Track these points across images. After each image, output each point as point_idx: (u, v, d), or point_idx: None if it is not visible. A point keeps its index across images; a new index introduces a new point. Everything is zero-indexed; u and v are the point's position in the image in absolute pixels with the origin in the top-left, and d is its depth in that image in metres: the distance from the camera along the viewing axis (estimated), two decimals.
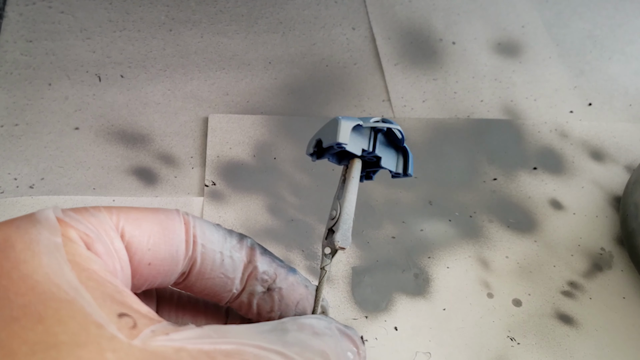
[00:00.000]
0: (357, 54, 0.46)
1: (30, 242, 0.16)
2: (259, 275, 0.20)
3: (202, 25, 0.47)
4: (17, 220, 0.17)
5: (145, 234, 0.18)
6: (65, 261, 0.16)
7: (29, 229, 0.17)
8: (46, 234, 0.17)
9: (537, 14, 0.51)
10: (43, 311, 0.15)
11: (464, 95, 0.45)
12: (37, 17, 0.45)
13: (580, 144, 0.43)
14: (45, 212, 0.17)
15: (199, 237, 0.19)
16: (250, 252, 0.20)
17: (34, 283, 0.15)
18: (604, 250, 0.37)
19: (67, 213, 0.17)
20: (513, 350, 0.33)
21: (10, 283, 0.15)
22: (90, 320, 0.15)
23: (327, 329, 0.18)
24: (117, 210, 0.18)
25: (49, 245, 0.16)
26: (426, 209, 0.38)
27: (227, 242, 0.20)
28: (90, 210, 0.18)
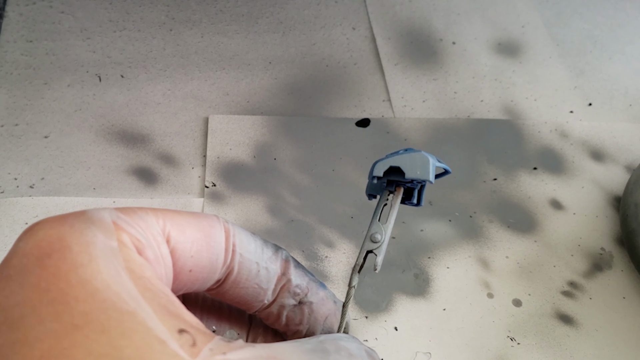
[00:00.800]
0: (357, 54, 0.46)
1: (87, 244, 0.16)
2: (292, 288, 0.20)
3: (203, 25, 0.47)
4: (69, 218, 0.16)
5: (189, 240, 0.18)
6: (122, 268, 0.16)
7: (84, 230, 0.16)
8: (102, 237, 0.16)
9: (537, 14, 0.51)
10: (105, 321, 0.14)
11: (464, 95, 0.45)
12: (38, 17, 0.45)
13: (580, 144, 0.43)
14: (99, 213, 0.17)
15: (238, 246, 0.19)
16: (284, 264, 0.20)
17: (93, 290, 0.15)
18: (604, 250, 0.37)
19: (119, 215, 0.17)
20: (513, 350, 0.33)
21: (68, 287, 0.15)
22: (152, 335, 0.15)
23: (358, 350, 0.19)
24: (162, 213, 0.18)
25: (106, 249, 0.16)
26: (426, 209, 0.38)
27: (263, 253, 0.20)
28: (138, 213, 0.17)
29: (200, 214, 0.19)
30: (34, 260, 0.15)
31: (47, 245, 0.15)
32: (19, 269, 0.15)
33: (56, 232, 0.16)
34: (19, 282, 0.15)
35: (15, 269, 0.15)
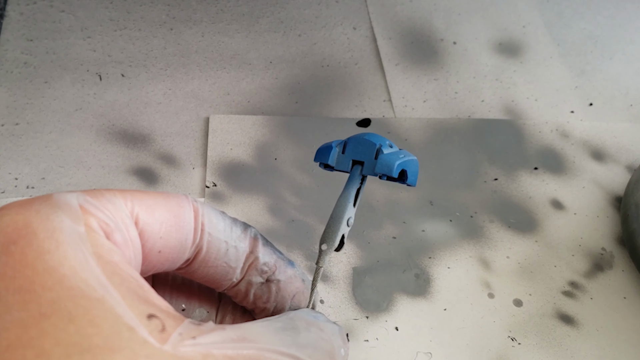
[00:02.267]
0: (358, 53, 0.46)
1: (54, 230, 0.15)
2: (260, 266, 0.20)
3: (203, 24, 0.47)
4: (35, 203, 0.16)
5: (157, 221, 0.18)
6: (90, 254, 0.15)
7: (50, 215, 0.15)
8: (69, 222, 0.16)
9: (538, 14, 0.50)
10: (73, 309, 0.14)
11: (465, 95, 0.45)
12: (38, 16, 0.45)
13: (581, 144, 0.43)
14: (66, 197, 0.16)
15: (207, 225, 0.19)
16: (253, 242, 0.20)
17: (60, 277, 0.14)
18: (604, 251, 0.37)
19: (86, 199, 0.17)
20: (514, 350, 0.33)
21: (35, 275, 0.14)
22: (121, 322, 0.14)
23: (328, 326, 0.19)
24: (130, 195, 0.18)
25: (73, 234, 0.15)
26: (427, 209, 0.38)
27: (232, 231, 0.20)
28: (106, 196, 0.17)
29: (170, 194, 0.19)
30: (0, 248, 0.15)
31: (13, 232, 0.15)
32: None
33: (22, 218, 0.15)
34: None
35: None
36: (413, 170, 0.22)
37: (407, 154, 0.22)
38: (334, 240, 0.21)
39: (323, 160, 0.23)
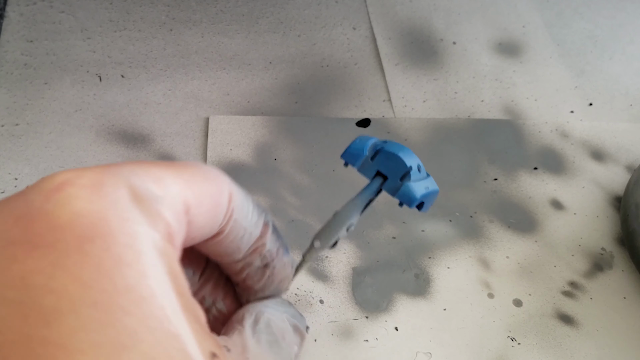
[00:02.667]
0: (357, 54, 0.46)
1: (133, 235, 0.13)
2: (264, 252, 0.20)
3: (203, 25, 0.47)
4: (108, 190, 0.13)
5: (202, 214, 0.16)
6: (165, 273, 0.13)
7: (127, 213, 0.13)
8: (146, 227, 0.13)
9: (537, 14, 0.50)
10: (153, 346, 0.12)
11: (465, 95, 0.45)
12: (38, 17, 0.45)
13: (580, 144, 0.43)
14: (140, 189, 0.14)
15: (235, 212, 0.18)
16: (264, 229, 0.20)
17: (139, 299, 0.12)
18: (604, 251, 0.37)
19: (153, 192, 0.14)
20: (513, 350, 0.33)
21: (115, 292, 0.12)
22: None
23: (289, 330, 0.20)
24: (185, 184, 0.15)
25: (150, 244, 0.13)
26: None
27: (252, 218, 0.19)
28: (169, 187, 0.15)
29: (212, 178, 0.17)
30: (73, 240, 0.13)
31: (88, 226, 0.13)
32: (51, 243, 0.13)
33: (97, 209, 0.13)
34: (51, 261, 0.12)
35: (44, 241, 0.13)
36: (430, 200, 0.22)
37: (431, 183, 0.22)
38: (328, 242, 0.21)
39: (351, 162, 0.23)
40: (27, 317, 0.12)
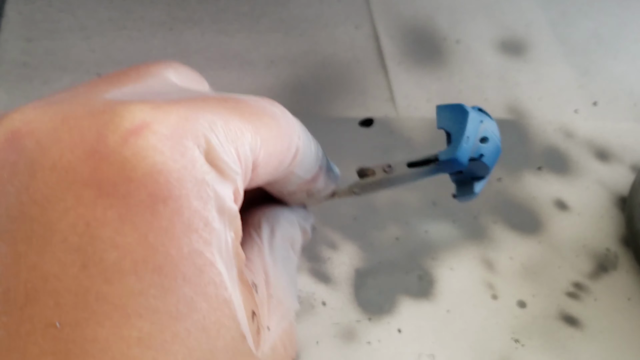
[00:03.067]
0: (360, 52, 0.46)
1: (206, 200, 0.12)
2: (311, 190, 0.19)
3: (204, 24, 0.46)
4: (185, 140, 0.12)
5: (266, 172, 0.16)
6: (229, 241, 0.13)
7: (203, 175, 0.13)
8: (217, 193, 0.13)
9: (541, 13, 0.50)
10: (207, 314, 0.12)
11: (469, 94, 0.44)
12: (37, 16, 0.45)
13: (585, 144, 0.42)
14: (217, 150, 0.13)
15: (297, 164, 0.17)
16: (318, 172, 0.19)
17: (201, 267, 0.12)
18: (609, 251, 0.37)
19: (224, 146, 0.13)
20: (517, 352, 0.32)
21: (180, 259, 0.12)
22: (239, 331, 0.13)
23: (297, 232, 0.20)
24: (261, 142, 0.15)
25: (218, 211, 0.13)
26: (430, 210, 0.38)
27: (309, 168, 0.18)
28: (243, 145, 0.14)
29: (285, 134, 0.16)
30: (146, 197, 0.12)
31: (164, 185, 0.12)
32: (123, 196, 0.12)
33: (175, 168, 0.12)
34: (120, 215, 0.12)
35: (116, 191, 0.12)
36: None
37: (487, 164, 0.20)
38: (365, 193, 0.21)
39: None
40: (87, 267, 0.11)
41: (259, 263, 0.17)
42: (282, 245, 0.19)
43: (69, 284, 0.11)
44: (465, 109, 0.19)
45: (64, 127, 0.12)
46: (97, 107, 0.13)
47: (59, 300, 0.11)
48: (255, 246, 0.18)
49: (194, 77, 0.18)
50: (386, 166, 0.20)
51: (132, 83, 0.15)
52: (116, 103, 0.13)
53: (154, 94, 0.15)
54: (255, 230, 0.19)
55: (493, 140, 0.20)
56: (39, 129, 0.13)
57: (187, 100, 0.14)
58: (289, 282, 0.18)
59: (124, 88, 0.15)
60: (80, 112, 0.13)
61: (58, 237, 0.11)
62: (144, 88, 0.15)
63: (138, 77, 0.16)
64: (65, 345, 0.11)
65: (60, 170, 0.12)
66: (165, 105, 0.13)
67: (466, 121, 0.19)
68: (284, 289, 0.17)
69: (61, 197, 0.12)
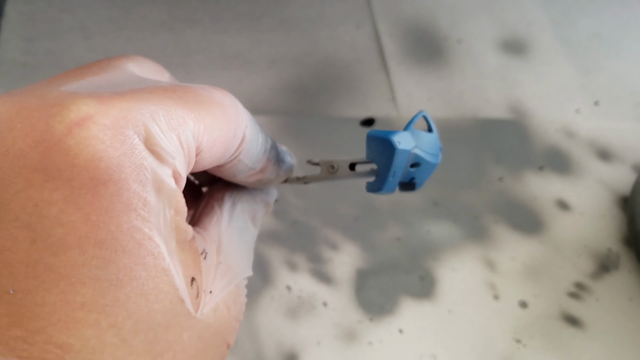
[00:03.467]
0: (361, 52, 0.46)
1: (145, 183, 0.14)
2: (262, 179, 0.21)
3: (204, 24, 0.46)
4: (127, 134, 0.14)
5: (211, 156, 0.17)
6: (167, 216, 0.14)
7: (142, 160, 0.14)
8: (156, 175, 0.14)
9: (543, 12, 0.50)
10: (146, 281, 0.14)
11: (470, 94, 0.44)
12: (37, 16, 0.45)
13: (586, 144, 0.42)
14: (150, 125, 0.14)
15: (243, 153, 0.18)
16: (266, 163, 0.20)
17: (140, 240, 0.14)
18: (610, 251, 0.37)
19: (165, 132, 0.15)
20: (519, 352, 0.32)
21: (119, 233, 0.13)
22: (177, 296, 0.14)
23: (260, 207, 0.22)
24: (205, 129, 0.16)
25: (156, 191, 0.14)
26: (431, 210, 0.38)
27: (257, 157, 0.19)
28: (185, 131, 0.15)
29: (231, 121, 0.17)
30: (88, 180, 0.13)
31: (105, 170, 0.13)
32: (67, 179, 0.13)
33: (114, 154, 0.14)
34: (65, 196, 0.13)
35: (61, 175, 0.13)
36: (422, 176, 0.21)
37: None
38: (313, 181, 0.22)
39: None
40: (36, 242, 0.13)
41: (215, 232, 0.19)
42: (241, 217, 0.21)
43: (20, 256, 0.13)
44: (393, 145, 0.19)
45: (18, 118, 0.14)
46: (50, 100, 0.14)
47: (12, 270, 0.13)
48: (215, 216, 0.20)
49: (155, 68, 0.20)
50: (330, 166, 0.21)
51: (91, 76, 0.17)
52: (66, 96, 0.14)
53: (108, 86, 0.16)
54: (218, 202, 0.21)
55: (425, 162, 0.20)
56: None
57: (134, 92, 0.15)
58: (243, 250, 0.20)
59: (82, 81, 0.16)
60: (34, 103, 0.14)
61: (11, 216, 0.13)
62: (101, 81, 0.17)
63: (99, 70, 0.17)
64: (19, 309, 0.13)
65: (12, 156, 0.13)
66: (110, 98, 0.14)
67: (393, 157, 0.19)
68: (235, 256, 0.19)
69: (13, 180, 0.13)
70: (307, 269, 0.34)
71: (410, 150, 0.20)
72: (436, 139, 0.21)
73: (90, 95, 0.14)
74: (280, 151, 0.22)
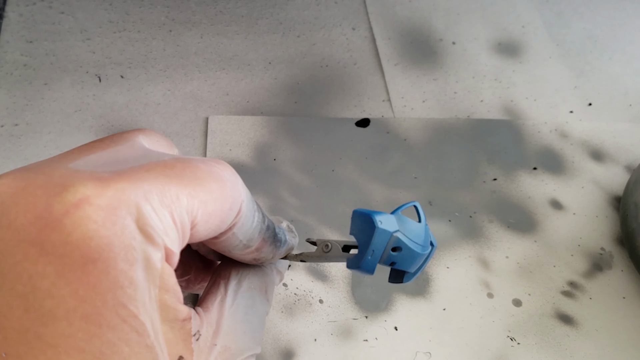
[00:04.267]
0: (357, 54, 0.46)
1: (132, 262, 0.15)
2: (258, 258, 0.21)
3: (202, 25, 0.47)
4: (118, 211, 0.15)
5: (206, 230, 0.18)
6: (155, 296, 0.15)
7: (132, 241, 0.15)
8: (146, 255, 0.15)
9: (537, 14, 0.50)
10: (128, 356, 0.14)
11: (464, 95, 0.45)
12: (37, 17, 0.45)
13: (580, 144, 0.43)
14: (144, 208, 0.15)
15: (237, 227, 0.19)
16: (262, 243, 0.21)
17: (125, 316, 0.15)
18: (604, 250, 0.37)
19: (159, 211, 0.15)
20: (513, 350, 0.33)
21: (104, 309, 0.14)
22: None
23: (272, 278, 0.23)
24: (199, 204, 0.17)
25: (147, 272, 0.15)
26: (426, 209, 0.38)
27: (252, 233, 0.20)
28: (179, 208, 0.16)
29: (228, 195, 0.18)
30: (79, 258, 0.14)
31: (95, 249, 0.14)
32: (60, 255, 0.14)
33: (105, 234, 0.15)
34: (57, 271, 0.14)
35: (55, 250, 0.14)
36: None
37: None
38: (306, 260, 0.23)
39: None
40: (28, 311, 0.14)
41: (215, 313, 0.20)
42: (247, 295, 0.21)
43: (14, 323, 0.14)
44: (375, 224, 0.19)
45: (23, 193, 0.15)
46: (55, 178, 0.15)
47: (6, 335, 0.14)
48: (219, 297, 0.21)
49: (165, 142, 0.21)
50: (324, 245, 0.23)
51: (100, 150, 0.18)
52: (69, 176, 0.15)
53: (114, 161, 0.17)
54: (224, 281, 0.21)
55: (407, 248, 0.20)
56: (5, 192, 0.15)
57: (132, 171, 0.16)
58: (247, 329, 0.20)
59: (91, 156, 0.18)
60: (40, 181, 0.15)
61: (8, 285, 0.14)
62: (109, 155, 0.18)
63: (110, 144, 0.19)
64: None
65: (13, 230, 0.15)
66: (107, 179, 0.15)
67: (372, 236, 0.19)
68: (237, 336, 0.20)
69: (12, 252, 0.14)
70: (304, 267, 0.35)
71: (392, 233, 0.20)
72: (424, 230, 0.21)
73: (90, 177, 0.15)
74: (279, 232, 0.22)
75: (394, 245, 0.20)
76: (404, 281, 0.22)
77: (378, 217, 0.20)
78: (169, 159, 0.17)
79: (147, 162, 0.17)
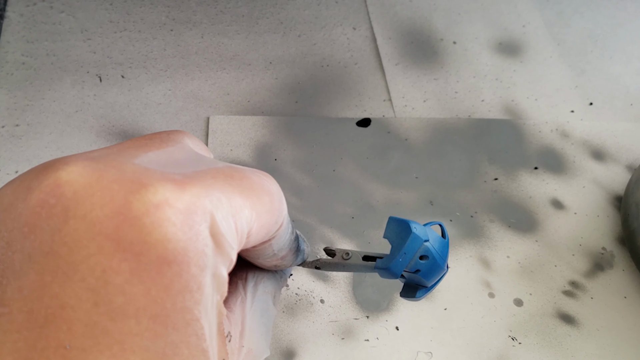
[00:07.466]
0: (357, 53, 0.46)
1: (203, 268, 0.15)
2: (278, 265, 0.22)
3: (203, 25, 0.47)
4: (195, 216, 0.15)
5: (255, 240, 0.18)
6: (215, 303, 0.15)
7: (205, 248, 0.15)
8: (214, 262, 0.15)
9: (538, 14, 0.50)
10: (186, 357, 0.15)
11: (465, 95, 0.45)
12: (38, 17, 0.45)
13: (581, 144, 0.43)
14: (221, 226, 0.15)
15: (275, 239, 0.19)
16: (287, 253, 0.21)
17: (188, 320, 0.15)
18: (605, 250, 0.37)
19: (229, 223, 0.16)
20: (514, 350, 0.33)
21: (173, 311, 0.14)
22: None
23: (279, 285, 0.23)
24: (256, 216, 0.17)
25: (212, 278, 0.15)
26: (427, 209, 0.38)
27: (283, 246, 0.20)
28: (241, 219, 0.16)
29: (276, 209, 0.18)
30: (155, 258, 0.14)
31: (171, 251, 0.14)
32: (136, 253, 0.14)
33: (182, 239, 0.15)
34: (131, 268, 0.14)
35: (132, 248, 0.14)
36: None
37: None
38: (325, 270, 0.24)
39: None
40: (98, 305, 0.14)
41: (239, 314, 0.21)
42: (262, 298, 0.22)
43: (81, 316, 0.14)
44: (411, 229, 0.21)
45: (98, 185, 0.15)
46: (127, 173, 0.15)
47: (72, 327, 0.14)
48: (240, 297, 0.21)
49: (204, 147, 0.21)
50: (344, 254, 0.23)
51: (155, 149, 0.18)
52: (143, 173, 0.16)
53: (173, 162, 0.17)
54: (242, 282, 0.22)
55: (433, 259, 0.22)
56: (78, 181, 0.15)
57: (200, 176, 0.16)
58: (262, 332, 0.21)
59: (150, 154, 0.17)
60: (112, 175, 0.15)
61: (78, 276, 0.14)
62: (165, 155, 0.18)
63: (162, 144, 0.19)
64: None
65: (88, 222, 0.14)
66: (182, 182, 0.16)
67: (407, 239, 0.21)
68: (256, 338, 0.20)
69: (86, 244, 0.14)
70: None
71: (423, 240, 0.21)
72: (447, 246, 0.23)
73: (165, 178, 0.15)
74: (300, 241, 0.23)
75: (422, 253, 0.22)
76: (417, 296, 0.23)
77: (413, 224, 0.21)
78: (225, 166, 0.17)
79: (204, 167, 0.17)
